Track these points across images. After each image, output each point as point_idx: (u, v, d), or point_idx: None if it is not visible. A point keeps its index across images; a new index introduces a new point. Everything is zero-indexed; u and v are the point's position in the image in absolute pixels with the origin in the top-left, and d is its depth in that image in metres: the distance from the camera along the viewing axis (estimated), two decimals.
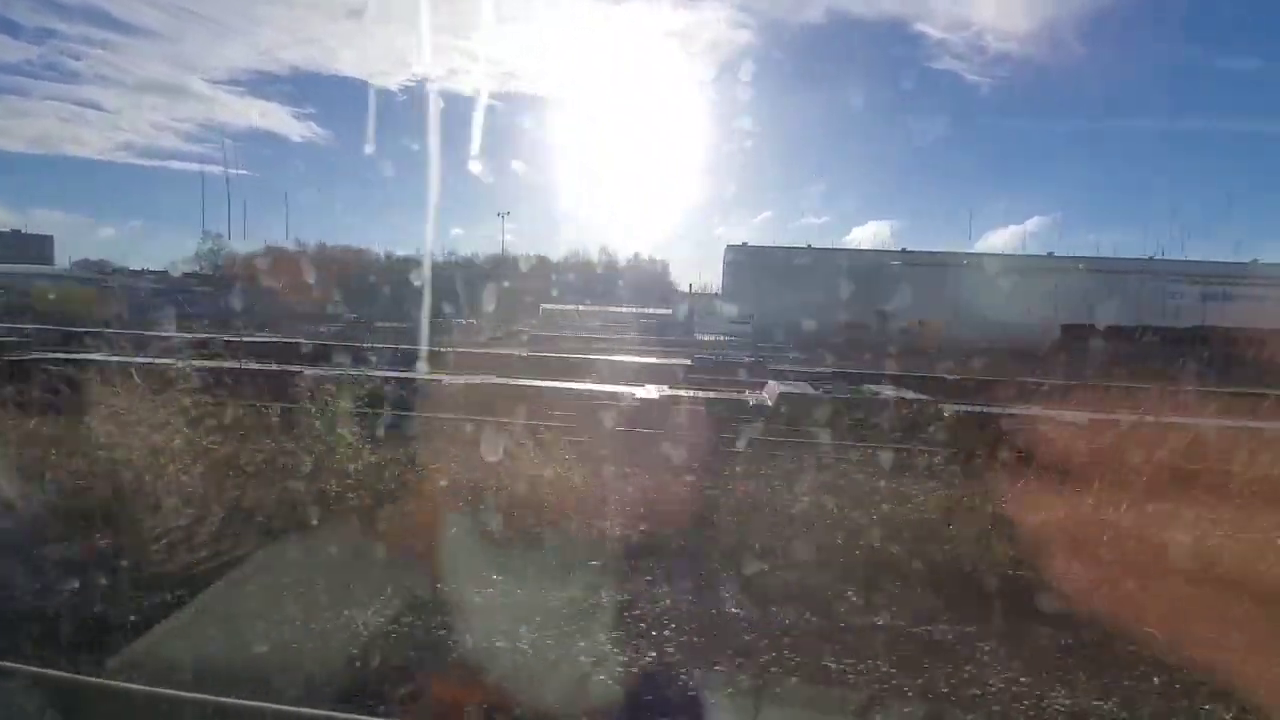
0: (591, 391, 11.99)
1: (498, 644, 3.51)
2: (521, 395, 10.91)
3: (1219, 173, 68.97)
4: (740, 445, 8.01)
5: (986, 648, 3.70)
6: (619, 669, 3.38)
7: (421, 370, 12.78)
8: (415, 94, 75.04)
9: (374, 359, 13.57)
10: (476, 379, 11.85)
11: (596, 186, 73.07)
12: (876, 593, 4.23)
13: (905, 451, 7.49)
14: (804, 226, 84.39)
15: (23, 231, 49.57)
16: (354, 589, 3.96)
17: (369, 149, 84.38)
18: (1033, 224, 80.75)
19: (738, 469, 6.48)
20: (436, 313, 23.25)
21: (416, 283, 27.09)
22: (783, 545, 4.69)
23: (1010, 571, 4.43)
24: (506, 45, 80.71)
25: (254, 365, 11.22)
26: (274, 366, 11.40)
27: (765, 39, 71.13)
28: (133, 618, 3.59)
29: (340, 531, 4.62)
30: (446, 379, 11.83)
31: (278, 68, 79.98)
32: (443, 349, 17.22)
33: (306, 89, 75.11)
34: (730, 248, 26.56)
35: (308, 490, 4.96)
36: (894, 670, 3.46)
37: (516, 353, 18.50)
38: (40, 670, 2.87)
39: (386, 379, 9.83)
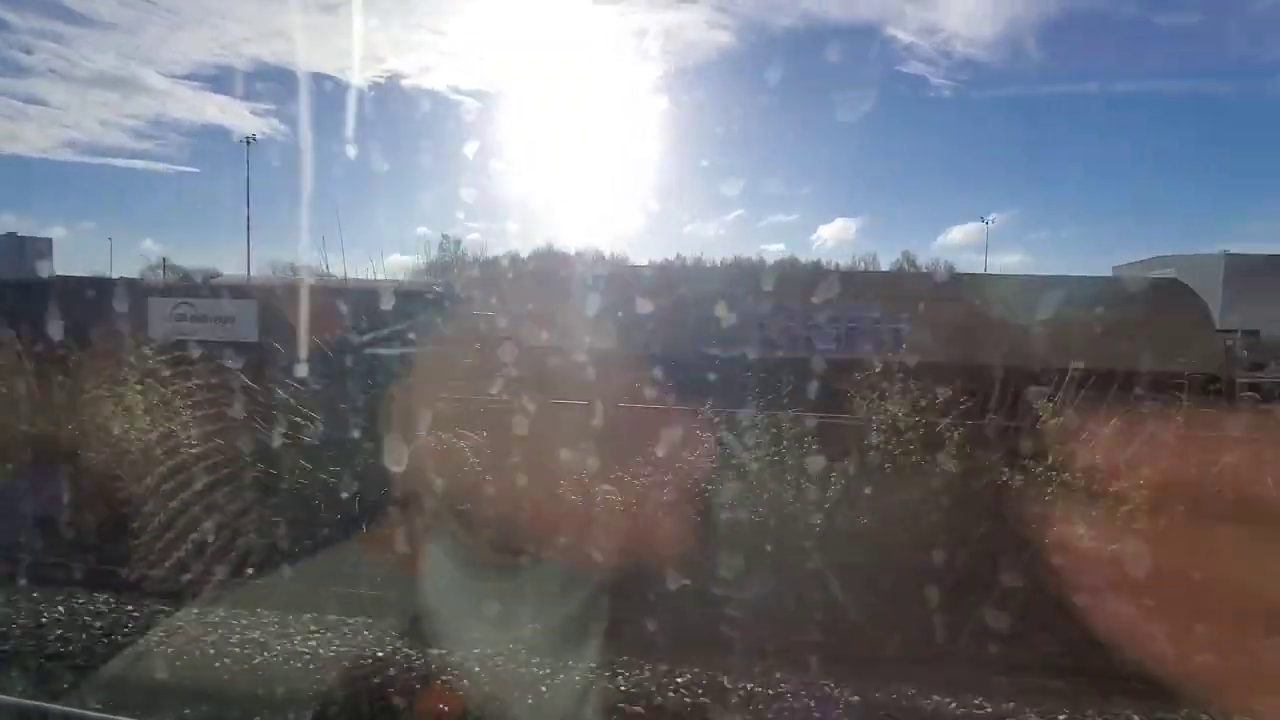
0: None
1: None
2: None
3: (1166, 175, 77.20)
4: None
5: None
6: None
7: None
8: (386, 90, 73.99)
9: None
10: None
11: (570, 184, 73.63)
12: None
13: None
14: (774, 224, 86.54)
15: (17, 235, 44.49)
16: None
17: (333, 146, 77.73)
18: (990, 220, 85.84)
19: None
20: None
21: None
22: None
23: None
24: (483, 42, 79.19)
25: None
26: None
27: (742, 40, 74.38)
28: None
29: None
30: None
31: (240, 62, 72.90)
32: None
33: (269, 84, 70.90)
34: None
35: None
36: None
37: None
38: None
39: None
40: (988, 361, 6.84)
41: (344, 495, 5.75)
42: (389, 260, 63.87)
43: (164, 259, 50.10)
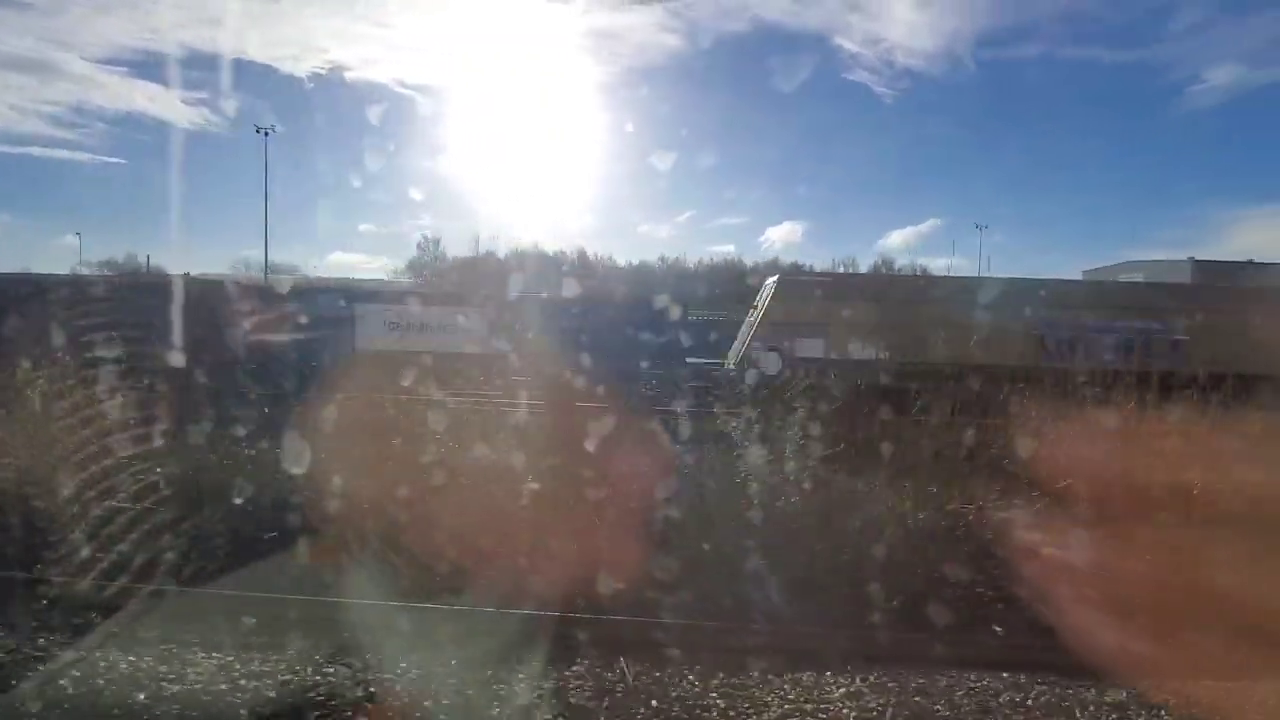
0: None
1: None
2: None
3: (1096, 185, 78.74)
4: None
5: None
6: None
7: None
8: (326, 81, 73.38)
9: None
10: None
11: (520, 182, 74.67)
12: None
13: None
14: (723, 226, 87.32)
15: None
16: None
17: (271, 138, 76.83)
18: (927, 225, 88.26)
19: None
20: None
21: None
22: None
23: None
24: (432, 37, 77.91)
25: None
26: None
27: (693, 44, 76.76)
28: None
29: None
30: None
31: (170, 48, 68.50)
32: None
33: (202, 72, 68.80)
34: None
35: None
36: None
37: None
38: None
39: None
40: None
41: None
42: (331, 258, 62.89)
43: (147, 256, 48.47)
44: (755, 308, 16.91)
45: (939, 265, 63.32)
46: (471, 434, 5.44)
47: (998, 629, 3.89)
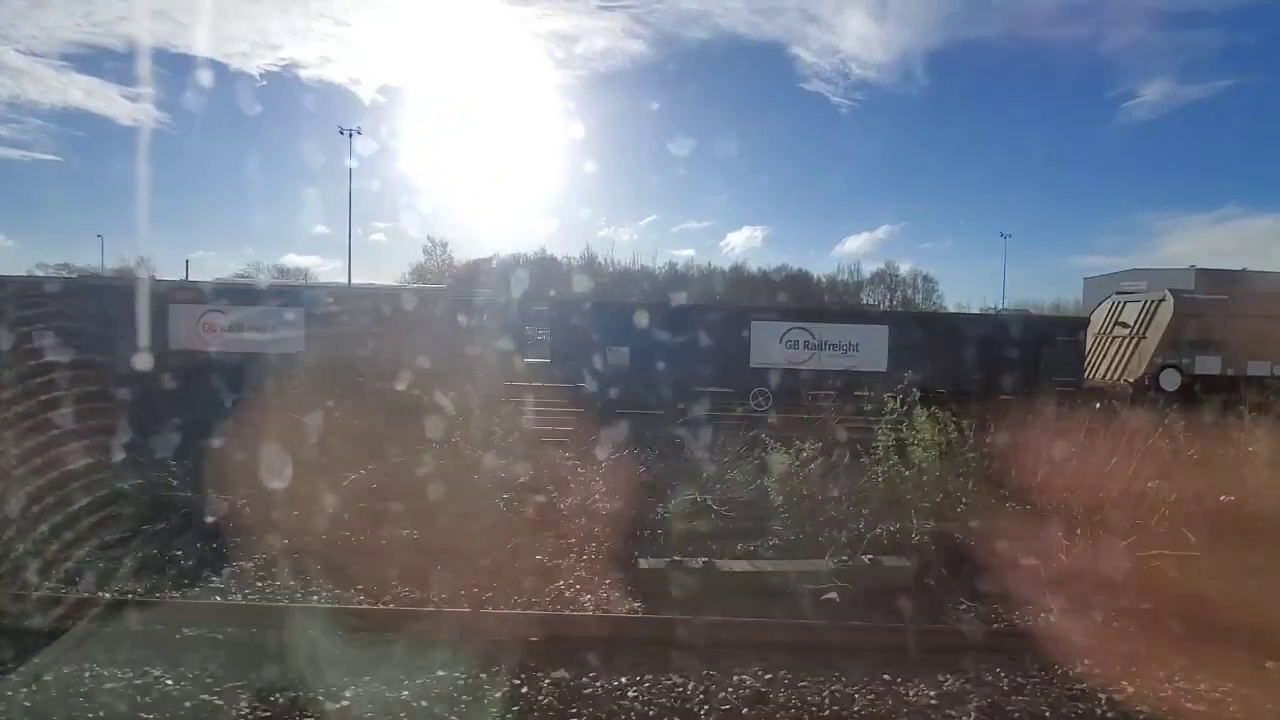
0: None
1: None
2: None
3: (1034, 193, 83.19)
4: None
5: None
6: None
7: None
8: (280, 79, 71.54)
9: None
10: None
11: (481, 184, 75.09)
12: None
13: None
14: (686, 230, 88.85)
15: None
16: None
17: (219, 137, 73.17)
18: (882, 231, 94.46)
19: None
20: None
21: None
22: None
23: None
24: (391, 37, 76.35)
25: None
26: None
27: (657, 51, 78.02)
28: None
29: None
30: None
31: (113, 41, 67.85)
32: None
33: (146, 67, 66.71)
34: None
35: None
36: None
37: None
38: None
39: None
40: None
41: None
42: (283, 260, 61.63)
43: (186, 261, 47.14)
44: (1123, 325, 17.15)
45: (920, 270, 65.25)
46: None
47: None
